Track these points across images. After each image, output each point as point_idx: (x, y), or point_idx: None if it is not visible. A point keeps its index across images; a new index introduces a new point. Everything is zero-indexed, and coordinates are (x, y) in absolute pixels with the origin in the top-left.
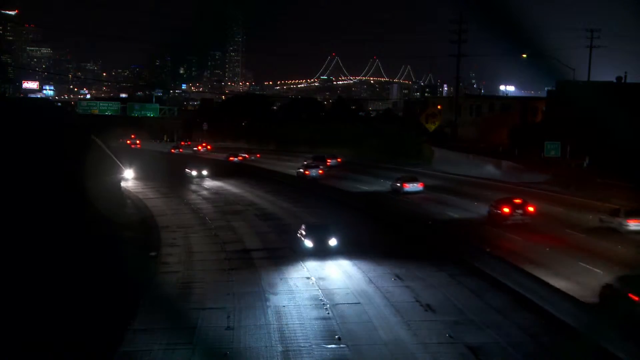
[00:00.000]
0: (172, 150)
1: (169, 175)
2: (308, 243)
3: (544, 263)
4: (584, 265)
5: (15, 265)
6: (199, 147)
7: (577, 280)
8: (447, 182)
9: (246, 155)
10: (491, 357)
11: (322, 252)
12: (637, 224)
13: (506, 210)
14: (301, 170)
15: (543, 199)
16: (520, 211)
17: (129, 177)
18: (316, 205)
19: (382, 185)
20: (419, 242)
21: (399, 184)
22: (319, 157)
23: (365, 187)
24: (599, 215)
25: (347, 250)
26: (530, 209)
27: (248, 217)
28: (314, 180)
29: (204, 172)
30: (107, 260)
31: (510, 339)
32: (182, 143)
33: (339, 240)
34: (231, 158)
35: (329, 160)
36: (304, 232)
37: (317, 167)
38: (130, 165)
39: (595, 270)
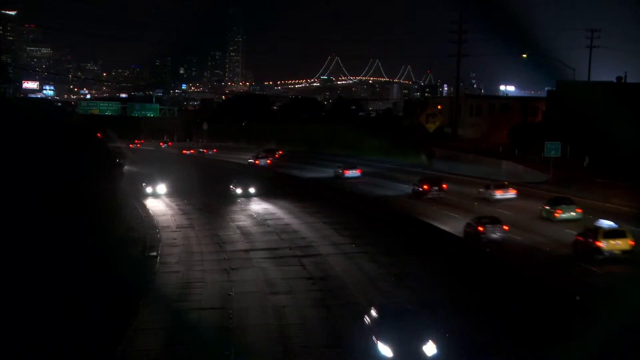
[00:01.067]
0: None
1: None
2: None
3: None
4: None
5: (15, 265)
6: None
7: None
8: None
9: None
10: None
11: None
12: (500, 194)
13: (425, 187)
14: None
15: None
16: (436, 188)
17: (160, 192)
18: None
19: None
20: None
21: (340, 171)
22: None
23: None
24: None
25: None
26: (444, 187)
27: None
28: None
29: (251, 190)
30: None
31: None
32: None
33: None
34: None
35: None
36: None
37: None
38: (160, 177)
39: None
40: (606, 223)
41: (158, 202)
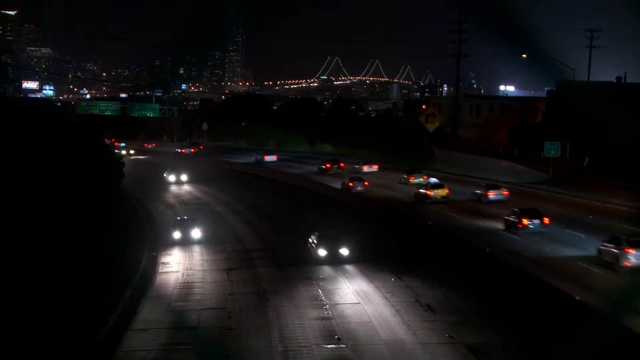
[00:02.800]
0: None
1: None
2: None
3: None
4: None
5: (16, 265)
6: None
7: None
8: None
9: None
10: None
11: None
12: (414, 180)
13: (328, 165)
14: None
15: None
16: (336, 166)
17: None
18: None
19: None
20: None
21: (260, 157)
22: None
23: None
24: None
25: None
26: (342, 165)
27: None
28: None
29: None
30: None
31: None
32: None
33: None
34: (351, 184)
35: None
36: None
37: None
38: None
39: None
40: (433, 180)
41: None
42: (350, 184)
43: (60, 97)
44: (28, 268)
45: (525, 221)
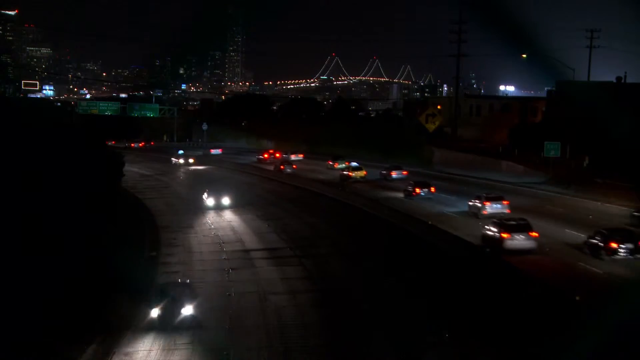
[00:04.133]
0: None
1: None
2: None
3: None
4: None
5: (16, 265)
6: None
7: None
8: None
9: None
10: None
11: None
12: (338, 166)
13: (265, 155)
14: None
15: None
16: (272, 156)
17: None
18: None
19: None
20: None
21: (206, 151)
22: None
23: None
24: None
25: None
26: (294, 167)
27: None
28: None
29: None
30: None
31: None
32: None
33: None
34: (282, 167)
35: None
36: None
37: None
38: None
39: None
40: (354, 164)
41: None
42: (282, 167)
43: (61, 97)
44: (28, 268)
45: (417, 190)
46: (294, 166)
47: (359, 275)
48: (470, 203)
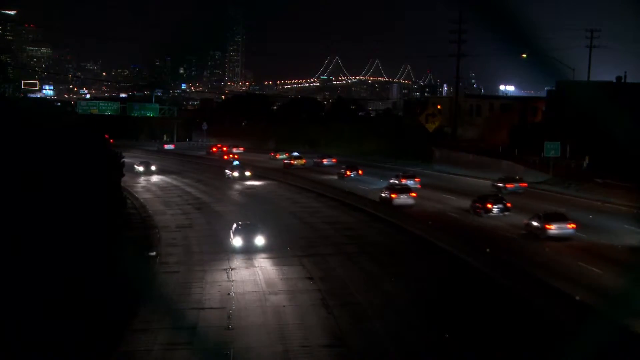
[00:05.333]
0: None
1: None
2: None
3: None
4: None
5: (15, 264)
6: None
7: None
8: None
9: None
10: None
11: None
12: (279, 157)
13: (214, 149)
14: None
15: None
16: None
17: None
18: None
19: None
20: None
21: (160, 146)
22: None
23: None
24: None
25: None
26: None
27: None
28: None
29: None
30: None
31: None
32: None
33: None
34: (226, 157)
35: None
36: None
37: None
38: None
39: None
40: (295, 153)
41: None
42: (225, 157)
43: (60, 97)
44: (27, 268)
45: (348, 172)
46: (236, 156)
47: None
48: (391, 180)
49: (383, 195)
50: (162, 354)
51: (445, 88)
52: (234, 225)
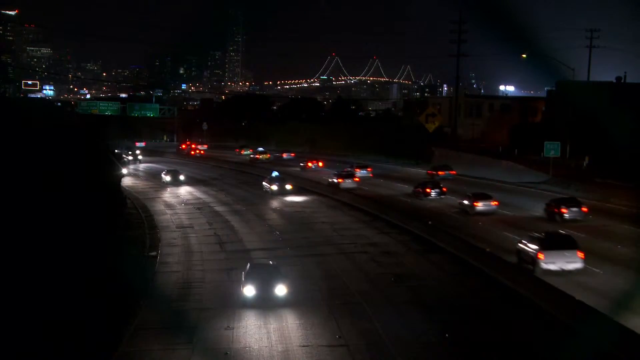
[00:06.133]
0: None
1: None
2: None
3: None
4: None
5: (15, 264)
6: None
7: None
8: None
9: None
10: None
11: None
12: (244, 153)
13: (183, 146)
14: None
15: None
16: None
17: None
18: None
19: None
20: None
21: (131, 144)
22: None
23: None
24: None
25: None
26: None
27: None
28: None
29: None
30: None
31: None
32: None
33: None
34: (192, 152)
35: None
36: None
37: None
38: None
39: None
40: (260, 149)
41: None
42: (192, 152)
43: (61, 97)
44: (26, 268)
45: (309, 164)
46: (202, 152)
47: None
48: (346, 170)
49: (330, 180)
50: (162, 354)
51: (445, 88)
52: (247, 265)
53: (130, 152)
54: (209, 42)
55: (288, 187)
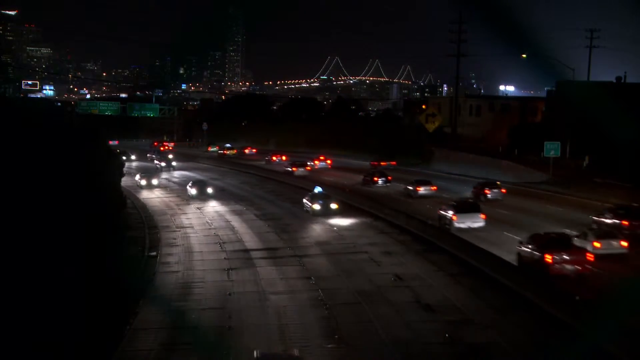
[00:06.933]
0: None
1: None
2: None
3: None
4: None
5: (15, 263)
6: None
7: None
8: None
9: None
10: None
11: None
12: (211, 149)
13: (155, 143)
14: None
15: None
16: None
17: None
18: None
19: None
20: None
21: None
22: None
23: None
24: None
25: None
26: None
27: None
28: None
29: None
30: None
31: None
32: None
33: None
34: (162, 148)
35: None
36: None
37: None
38: None
39: None
40: (227, 145)
41: None
42: (162, 148)
43: (61, 97)
44: (26, 269)
45: (274, 158)
46: (170, 147)
47: None
48: (309, 162)
49: (285, 168)
50: (162, 354)
51: (445, 88)
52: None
53: (160, 157)
54: (209, 42)
55: (333, 206)
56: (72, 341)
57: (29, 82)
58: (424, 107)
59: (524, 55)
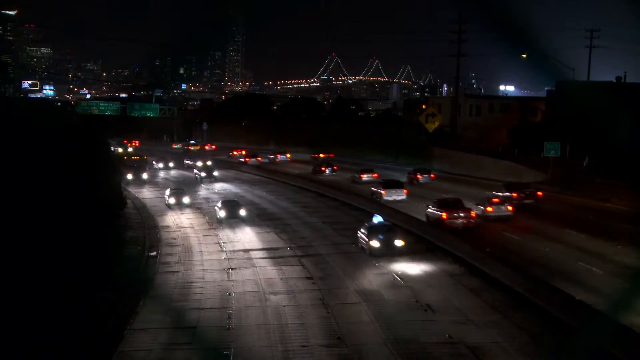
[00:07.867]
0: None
1: None
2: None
3: None
4: None
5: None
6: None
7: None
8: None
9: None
10: None
11: None
12: (192, 148)
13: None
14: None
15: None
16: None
17: None
18: None
19: None
20: None
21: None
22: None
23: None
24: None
25: None
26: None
27: None
28: None
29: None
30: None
31: None
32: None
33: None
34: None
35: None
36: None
37: None
38: None
39: None
40: (192, 141)
41: None
42: (130, 145)
43: (61, 97)
44: (25, 269)
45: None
46: (137, 143)
47: None
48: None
49: (239, 160)
50: (162, 354)
51: (445, 88)
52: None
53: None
54: (209, 42)
55: (398, 243)
56: (72, 341)
57: (29, 82)
58: (424, 107)
59: (524, 55)
